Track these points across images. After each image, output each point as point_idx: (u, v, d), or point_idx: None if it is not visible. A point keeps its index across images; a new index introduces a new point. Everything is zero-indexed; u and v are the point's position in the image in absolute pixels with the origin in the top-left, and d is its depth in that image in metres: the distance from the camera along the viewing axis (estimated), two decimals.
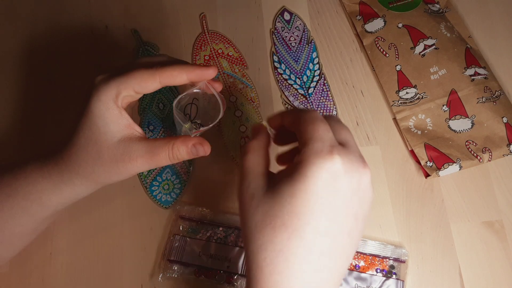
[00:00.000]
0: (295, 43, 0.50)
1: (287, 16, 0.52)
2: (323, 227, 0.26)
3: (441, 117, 0.47)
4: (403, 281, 0.41)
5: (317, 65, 0.50)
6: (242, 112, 0.48)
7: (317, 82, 0.49)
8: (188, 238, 0.41)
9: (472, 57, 0.49)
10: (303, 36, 0.51)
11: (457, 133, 0.46)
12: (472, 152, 0.45)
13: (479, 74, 0.48)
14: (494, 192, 0.46)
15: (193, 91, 0.34)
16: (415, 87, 0.48)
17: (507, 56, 0.51)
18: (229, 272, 0.41)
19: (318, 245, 0.26)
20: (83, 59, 0.49)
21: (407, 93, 0.48)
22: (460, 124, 0.46)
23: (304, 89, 0.49)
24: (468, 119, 0.46)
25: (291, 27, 0.51)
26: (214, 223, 0.42)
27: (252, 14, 0.52)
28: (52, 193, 0.34)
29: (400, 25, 0.49)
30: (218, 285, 0.41)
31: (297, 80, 0.49)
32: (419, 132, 0.47)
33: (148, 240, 0.42)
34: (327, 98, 0.49)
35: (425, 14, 0.50)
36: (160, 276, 0.41)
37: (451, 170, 0.44)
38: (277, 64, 0.50)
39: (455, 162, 0.44)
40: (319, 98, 0.49)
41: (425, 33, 0.49)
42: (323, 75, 0.49)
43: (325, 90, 0.49)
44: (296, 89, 0.49)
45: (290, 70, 0.49)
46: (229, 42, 0.50)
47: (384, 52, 0.49)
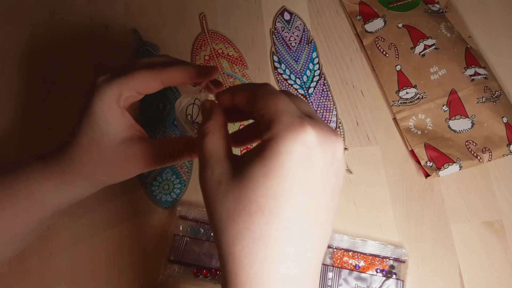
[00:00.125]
0: (295, 43, 0.51)
1: (287, 16, 0.52)
2: (302, 205, 0.24)
3: (441, 117, 0.47)
4: (403, 281, 0.41)
5: (317, 65, 0.50)
6: None
7: (317, 82, 0.49)
8: (188, 238, 0.41)
9: (472, 57, 0.49)
10: (303, 36, 0.51)
11: (457, 133, 0.46)
12: (472, 152, 0.45)
13: (479, 74, 0.48)
14: (494, 192, 0.46)
15: (195, 92, 0.34)
16: (415, 87, 0.48)
17: (507, 56, 0.51)
18: None
19: (299, 225, 0.24)
20: (83, 59, 0.49)
21: (407, 93, 0.48)
22: (460, 124, 0.46)
23: (304, 89, 0.49)
24: (468, 119, 0.46)
25: (291, 27, 0.51)
26: None
27: (252, 14, 0.52)
28: (54, 194, 0.34)
29: (400, 25, 0.49)
30: (218, 285, 0.41)
31: (297, 80, 0.49)
32: (419, 132, 0.47)
33: (148, 240, 0.42)
34: (327, 98, 0.49)
35: (425, 14, 0.50)
36: (160, 276, 0.41)
37: (451, 170, 0.44)
38: (277, 64, 0.50)
39: (455, 162, 0.44)
40: (319, 98, 0.49)
41: (425, 33, 0.49)
42: (323, 75, 0.49)
43: (325, 90, 0.49)
44: (296, 89, 0.49)
45: (290, 70, 0.49)
46: (229, 42, 0.50)
47: (384, 52, 0.49)
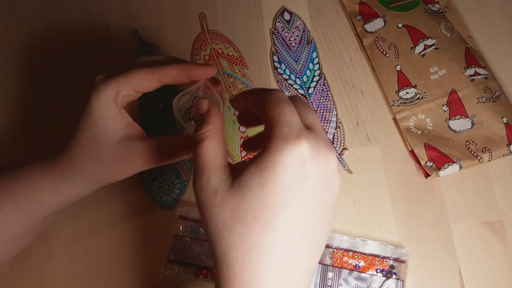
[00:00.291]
0: (295, 43, 0.51)
1: (287, 16, 0.52)
2: (294, 217, 0.24)
3: (441, 117, 0.47)
4: (403, 281, 0.41)
5: (317, 65, 0.50)
6: None
7: (317, 82, 0.49)
8: (188, 238, 0.41)
9: (472, 57, 0.49)
10: (303, 36, 0.51)
11: (457, 133, 0.46)
12: (472, 152, 0.45)
13: (479, 74, 0.48)
14: (494, 192, 0.46)
15: (192, 90, 0.34)
16: (415, 87, 0.48)
17: (507, 56, 0.51)
18: None
19: (290, 236, 0.24)
20: (83, 59, 0.49)
21: (407, 93, 0.48)
22: (460, 124, 0.46)
23: (304, 89, 0.49)
24: (468, 119, 0.46)
25: (291, 27, 0.51)
26: None
27: (252, 14, 0.52)
28: (53, 193, 0.34)
29: (400, 25, 0.49)
30: None
31: (297, 80, 0.49)
32: (419, 132, 0.47)
33: (148, 240, 0.42)
34: (327, 98, 0.49)
35: (425, 14, 0.50)
36: (160, 276, 0.41)
37: (451, 170, 0.44)
38: (277, 64, 0.50)
39: (455, 162, 0.44)
40: (319, 98, 0.49)
41: (425, 33, 0.49)
42: (323, 75, 0.49)
43: (325, 90, 0.49)
44: (296, 89, 0.49)
45: (290, 70, 0.49)
46: (229, 42, 0.50)
47: (384, 52, 0.49)
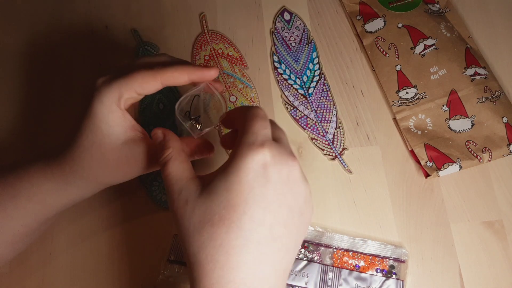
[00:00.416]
0: (295, 43, 0.51)
1: (287, 16, 0.52)
2: (259, 217, 0.26)
3: (441, 117, 0.47)
4: (403, 281, 0.41)
5: (317, 65, 0.50)
6: None
7: (317, 82, 0.49)
8: None
9: (472, 57, 0.49)
10: (303, 36, 0.51)
11: (457, 133, 0.46)
12: (472, 152, 0.45)
13: (479, 74, 0.48)
14: (494, 192, 0.46)
15: (194, 92, 0.34)
16: (415, 87, 0.48)
17: (507, 56, 0.51)
18: None
19: (256, 235, 0.26)
20: (83, 59, 0.49)
21: (407, 93, 0.48)
22: (460, 124, 0.46)
23: (304, 89, 0.49)
24: (468, 119, 0.46)
25: (291, 27, 0.51)
26: None
27: (252, 14, 0.52)
28: (56, 195, 0.34)
29: (400, 25, 0.49)
30: None
31: (297, 80, 0.49)
32: (419, 132, 0.47)
33: (148, 240, 0.42)
34: (327, 98, 0.49)
35: (425, 14, 0.50)
36: (160, 276, 0.41)
37: (451, 170, 0.44)
38: (277, 64, 0.50)
39: (455, 162, 0.44)
40: (319, 98, 0.49)
41: (425, 33, 0.49)
42: (323, 75, 0.49)
43: (325, 90, 0.49)
44: (296, 89, 0.49)
45: (290, 70, 0.49)
46: (229, 42, 0.50)
47: (384, 52, 0.49)
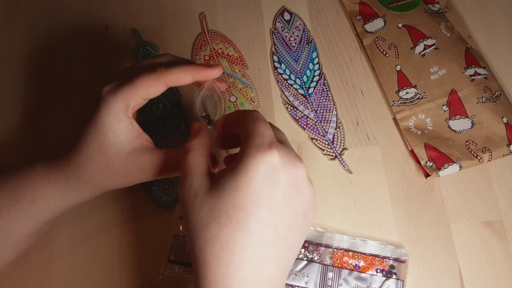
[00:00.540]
0: (295, 43, 0.50)
1: (287, 16, 0.52)
2: (266, 218, 0.26)
3: (441, 117, 0.47)
4: (403, 281, 0.41)
5: (317, 65, 0.50)
6: None
7: (317, 82, 0.49)
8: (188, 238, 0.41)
9: (472, 57, 0.49)
10: (303, 36, 0.51)
11: (457, 133, 0.46)
12: (472, 152, 0.45)
13: (479, 74, 0.48)
14: (494, 192, 0.46)
15: (205, 92, 0.34)
16: (415, 87, 0.48)
17: (507, 56, 0.51)
18: None
19: (262, 235, 0.26)
20: (83, 59, 0.49)
21: (407, 93, 0.48)
22: (460, 124, 0.46)
23: (304, 89, 0.49)
24: (468, 119, 0.46)
25: (291, 27, 0.51)
26: None
27: (252, 14, 0.52)
28: (59, 199, 0.34)
29: (400, 25, 0.49)
30: None
31: (297, 80, 0.49)
32: (419, 132, 0.47)
33: (148, 240, 0.42)
34: (327, 98, 0.49)
35: (425, 14, 0.50)
36: (160, 276, 0.41)
37: (451, 170, 0.44)
38: (277, 64, 0.50)
39: (455, 162, 0.44)
40: (319, 98, 0.49)
41: (425, 33, 0.49)
42: (323, 75, 0.49)
43: (325, 90, 0.49)
44: (296, 89, 0.49)
45: (290, 70, 0.49)
46: (229, 42, 0.50)
47: (384, 52, 0.49)
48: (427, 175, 0.45)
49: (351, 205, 0.45)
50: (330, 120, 0.48)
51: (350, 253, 0.42)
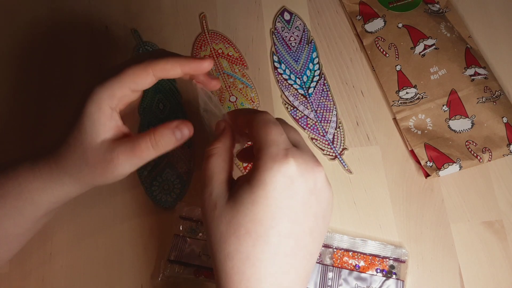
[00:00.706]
0: (295, 43, 0.51)
1: (287, 16, 0.52)
2: (286, 230, 0.26)
3: (441, 117, 0.47)
4: (403, 281, 0.41)
5: (317, 65, 0.50)
6: None
7: (317, 82, 0.49)
8: (188, 238, 0.41)
9: (472, 57, 0.49)
10: (303, 36, 0.51)
11: (457, 133, 0.46)
12: (472, 152, 0.45)
13: (479, 74, 0.48)
14: (494, 192, 0.46)
15: (207, 93, 0.34)
16: (415, 87, 0.48)
17: (507, 56, 0.51)
18: None
19: (283, 248, 0.26)
20: (83, 59, 0.49)
21: (407, 93, 0.48)
22: (460, 124, 0.46)
23: (304, 89, 0.49)
24: (468, 119, 0.46)
25: (291, 27, 0.51)
26: None
27: (252, 14, 0.52)
28: (43, 192, 0.33)
29: (400, 25, 0.49)
30: None
31: (297, 80, 0.49)
32: (419, 132, 0.47)
33: (148, 240, 0.42)
34: (327, 98, 0.49)
35: (425, 14, 0.50)
36: (160, 276, 0.41)
37: (451, 170, 0.44)
38: (277, 64, 0.50)
39: (455, 162, 0.44)
40: (319, 98, 0.49)
41: (425, 33, 0.49)
42: (323, 75, 0.49)
43: (325, 90, 0.49)
44: (296, 89, 0.49)
45: (290, 70, 0.49)
46: (229, 42, 0.50)
47: (384, 52, 0.49)
48: (427, 175, 0.45)
49: (351, 205, 0.45)
50: (330, 120, 0.48)
51: (350, 253, 0.42)
